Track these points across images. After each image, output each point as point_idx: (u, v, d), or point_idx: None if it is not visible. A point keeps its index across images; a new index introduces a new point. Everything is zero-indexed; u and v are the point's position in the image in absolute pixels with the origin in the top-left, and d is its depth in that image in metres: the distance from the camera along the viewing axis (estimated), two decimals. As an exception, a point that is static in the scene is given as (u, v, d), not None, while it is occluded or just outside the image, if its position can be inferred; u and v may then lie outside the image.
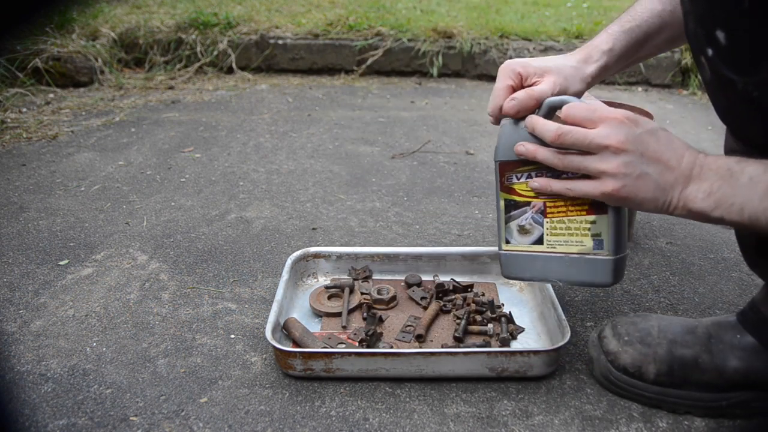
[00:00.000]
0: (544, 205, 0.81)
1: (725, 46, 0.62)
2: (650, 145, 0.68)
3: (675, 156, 0.67)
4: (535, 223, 0.82)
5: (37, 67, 2.23)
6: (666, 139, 0.69)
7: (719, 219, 0.65)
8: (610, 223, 0.76)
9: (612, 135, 0.68)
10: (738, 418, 0.81)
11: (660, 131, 0.69)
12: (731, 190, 0.63)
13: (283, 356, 0.85)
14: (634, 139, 0.67)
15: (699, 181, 0.66)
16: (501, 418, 0.80)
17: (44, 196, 1.44)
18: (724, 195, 0.64)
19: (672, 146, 0.68)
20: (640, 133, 0.68)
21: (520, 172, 0.82)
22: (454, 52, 2.55)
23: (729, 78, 0.63)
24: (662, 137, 0.69)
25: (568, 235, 0.80)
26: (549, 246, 0.82)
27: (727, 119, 0.72)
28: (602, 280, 0.80)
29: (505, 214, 0.85)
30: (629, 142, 0.67)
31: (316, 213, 1.38)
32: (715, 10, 0.62)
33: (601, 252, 0.78)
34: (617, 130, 0.68)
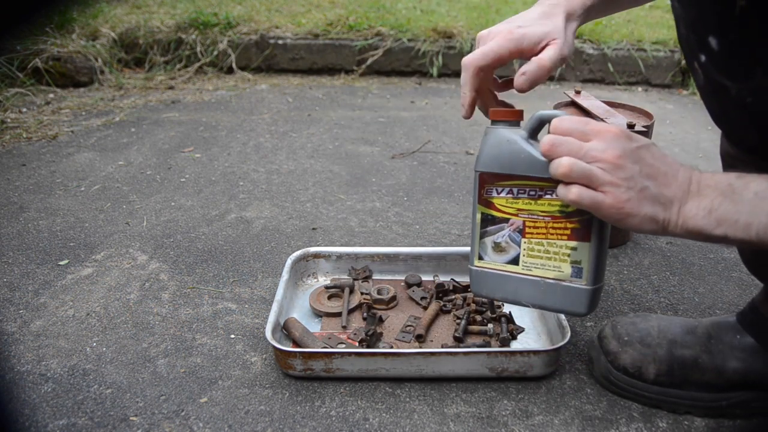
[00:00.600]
0: (524, 224, 0.76)
1: (718, 52, 0.61)
2: (647, 160, 0.65)
3: (671, 171, 0.65)
4: (512, 241, 0.77)
5: (37, 67, 2.22)
6: (660, 154, 0.66)
7: (722, 237, 0.62)
8: (591, 252, 0.73)
9: (608, 149, 0.64)
10: (738, 418, 0.81)
11: (653, 147, 0.66)
12: (734, 207, 0.60)
13: (283, 356, 0.85)
14: (631, 154, 0.64)
15: (698, 197, 0.63)
16: (501, 418, 0.80)
17: (44, 196, 1.44)
18: (727, 212, 0.61)
19: (666, 161, 0.65)
20: (636, 147, 0.65)
21: (502, 186, 0.76)
22: (454, 52, 2.55)
23: (722, 84, 0.63)
24: (656, 153, 0.66)
25: (546, 258, 0.76)
26: (524, 267, 0.77)
27: (721, 124, 0.72)
28: (576, 309, 0.76)
29: (480, 229, 0.79)
30: (626, 156, 0.64)
31: (316, 213, 1.38)
32: (707, 16, 0.61)
33: (578, 281, 0.74)
34: (613, 143, 0.65)
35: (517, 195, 0.75)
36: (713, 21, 0.61)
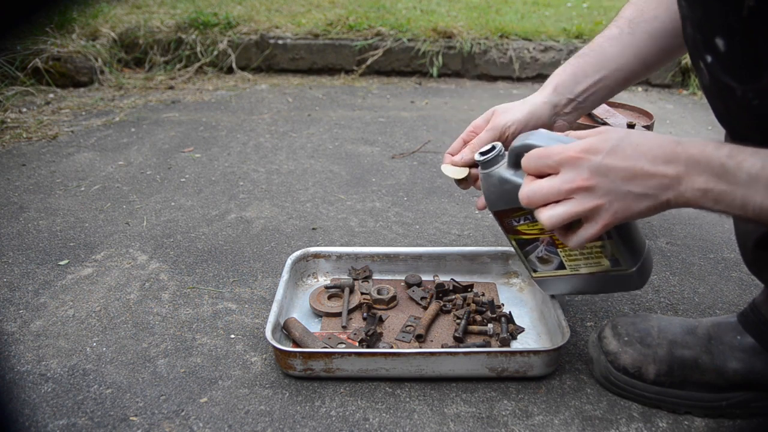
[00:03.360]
0: (551, 238, 0.83)
1: (724, 53, 0.61)
2: (617, 165, 0.64)
3: (649, 161, 0.63)
4: (551, 253, 0.85)
5: (37, 67, 2.22)
6: (632, 148, 0.64)
7: (723, 212, 0.63)
8: (617, 246, 0.78)
9: (576, 176, 0.65)
10: (738, 418, 0.81)
11: (623, 143, 0.65)
12: (729, 188, 0.60)
13: (283, 356, 0.85)
14: (597, 169, 0.64)
15: (689, 178, 0.62)
16: (501, 418, 0.80)
17: (44, 196, 1.44)
18: (723, 193, 0.60)
19: (641, 151, 0.64)
20: (601, 159, 0.64)
21: (517, 216, 0.82)
22: (454, 52, 2.55)
23: (728, 85, 0.63)
24: (627, 149, 0.64)
25: (585, 258, 0.82)
26: (572, 269, 0.85)
27: (726, 124, 0.72)
28: (634, 287, 0.85)
29: (521, 250, 0.88)
30: (594, 175, 0.64)
31: (316, 213, 1.38)
32: (714, 16, 0.61)
33: (620, 268, 0.81)
34: (578, 169, 0.65)
35: (533, 220, 0.80)
36: (720, 22, 0.60)
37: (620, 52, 0.89)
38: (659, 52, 0.89)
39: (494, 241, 1.26)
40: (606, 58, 0.89)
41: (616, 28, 0.90)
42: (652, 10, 0.87)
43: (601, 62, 0.89)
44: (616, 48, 0.89)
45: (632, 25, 0.89)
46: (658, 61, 0.91)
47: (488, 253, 1.10)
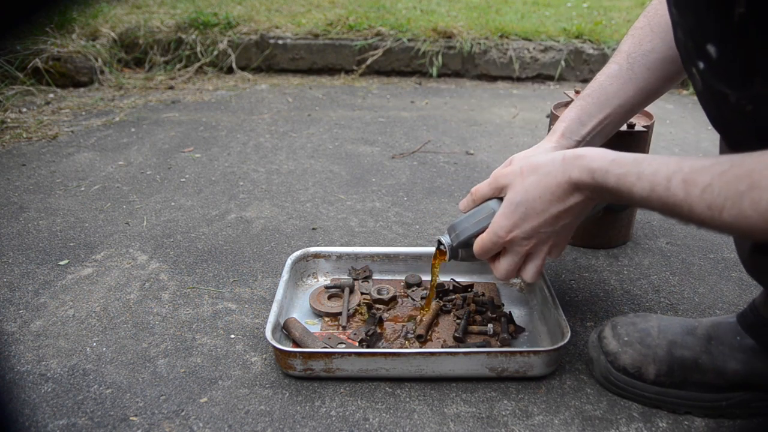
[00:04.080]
0: None
1: (717, 59, 0.61)
2: (536, 224, 0.77)
3: (545, 198, 0.75)
4: None
5: (37, 67, 2.22)
6: (534, 205, 0.76)
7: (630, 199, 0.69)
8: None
9: (519, 249, 0.80)
10: (738, 419, 0.81)
11: (528, 206, 0.76)
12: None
13: (283, 356, 0.85)
14: (528, 235, 0.78)
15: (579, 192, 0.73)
16: (501, 418, 0.80)
17: (44, 196, 1.44)
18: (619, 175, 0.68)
19: (542, 203, 0.75)
20: (524, 228, 0.77)
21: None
22: (454, 52, 2.55)
23: (721, 91, 0.62)
24: (531, 208, 0.76)
25: None
26: None
27: (721, 130, 0.72)
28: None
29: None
30: (530, 239, 0.78)
31: (316, 213, 1.38)
32: (706, 23, 0.61)
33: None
34: (515, 246, 0.80)
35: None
36: (712, 28, 0.60)
37: (621, 89, 0.92)
38: (659, 82, 0.91)
39: (494, 241, 1.26)
40: (608, 97, 0.92)
41: (616, 65, 0.93)
42: (648, 42, 0.90)
43: (604, 102, 0.92)
44: (617, 85, 0.92)
45: (630, 59, 0.91)
46: (660, 89, 0.93)
47: (488, 253, 1.10)
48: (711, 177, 0.57)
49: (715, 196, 0.56)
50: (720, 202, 0.55)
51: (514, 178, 0.78)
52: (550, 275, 1.13)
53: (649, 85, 0.91)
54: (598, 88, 0.93)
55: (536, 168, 0.76)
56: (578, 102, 0.95)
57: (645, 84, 0.91)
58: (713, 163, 0.57)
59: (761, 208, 0.52)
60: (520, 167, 0.78)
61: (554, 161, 0.74)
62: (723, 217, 0.55)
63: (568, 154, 0.73)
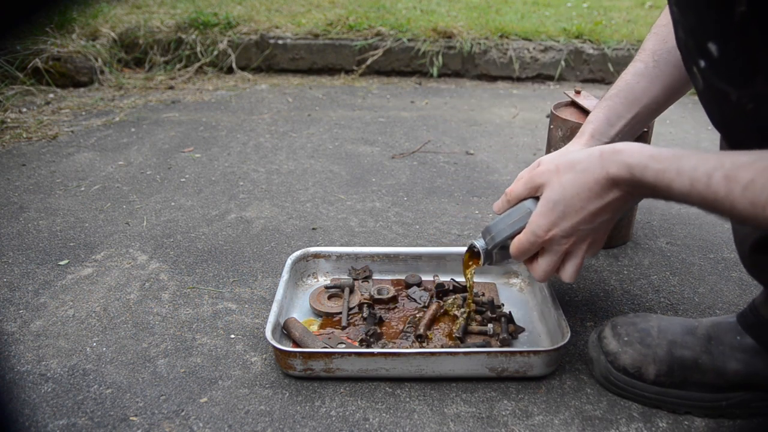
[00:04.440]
0: None
1: (718, 58, 0.61)
2: (574, 222, 0.75)
3: (583, 195, 0.73)
4: None
5: (37, 67, 2.22)
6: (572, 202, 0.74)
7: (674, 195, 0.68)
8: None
9: (558, 248, 0.78)
10: (738, 419, 0.81)
11: (566, 203, 0.75)
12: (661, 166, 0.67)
13: (283, 356, 0.85)
14: (567, 234, 0.76)
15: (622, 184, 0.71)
16: (501, 418, 0.80)
17: (44, 196, 1.44)
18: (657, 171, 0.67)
19: (580, 200, 0.74)
20: (563, 227, 0.76)
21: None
22: (454, 52, 2.55)
23: (722, 90, 0.62)
24: (570, 205, 0.75)
25: None
26: None
27: (721, 129, 0.72)
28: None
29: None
30: (568, 237, 0.77)
31: (316, 213, 1.38)
32: (707, 22, 0.61)
33: None
34: (554, 245, 0.78)
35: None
36: (713, 27, 0.60)
37: (648, 87, 0.91)
38: (684, 79, 0.90)
39: (494, 241, 1.26)
40: (635, 96, 0.92)
41: (641, 63, 0.92)
42: (672, 39, 0.88)
43: (632, 101, 0.92)
44: (644, 83, 0.91)
45: (656, 57, 0.90)
46: (685, 86, 0.93)
47: (488, 253, 1.10)
48: (753, 173, 0.56)
49: (758, 192, 0.55)
50: (764, 198, 0.55)
51: (550, 176, 0.76)
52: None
53: (674, 83, 0.90)
54: (625, 87, 0.92)
55: (573, 165, 0.74)
56: (605, 102, 0.94)
57: (671, 81, 0.90)
58: (755, 159, 0.57)
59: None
60: (556, 165, 0.76)
61: (591, 157, 0.72)
62: (766, 214, 0.55)
63: (606, 150, 0.71)
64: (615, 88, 0.94)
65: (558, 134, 1.18)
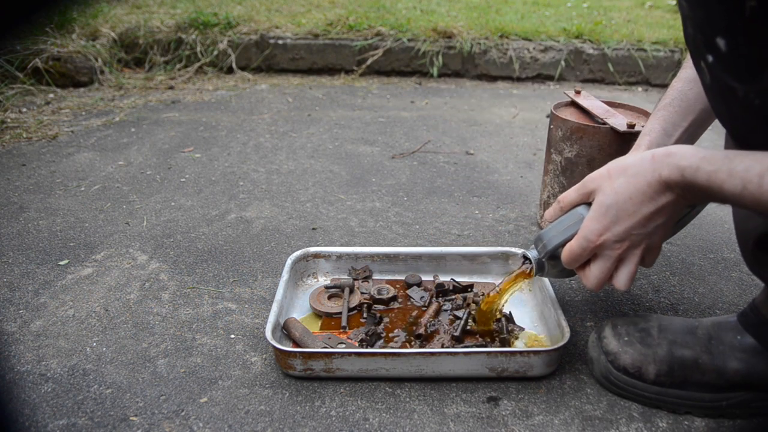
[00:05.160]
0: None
1: (726, 53, 0.61)
2: (627, 227, 0.73)
3: (636, 198, 0.72)
4: None
5: (37, 67, 2.22)
6: (625, 206, 0.73)
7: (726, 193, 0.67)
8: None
9: (610, 254, 0.76)
10: (738, 418, 0.81)
11: (619, 207, 0.73)
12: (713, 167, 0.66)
13: (283, 356, 0.85)
14: (620, 238, 0.74)
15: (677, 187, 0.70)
16: (501, 418, 0.80)
17: (44, 196, 1.44)
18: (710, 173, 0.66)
19: (628, 194, 0.73)
20: (615, 232, 0.74)
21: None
22: (454, 52, 2.55)
23: (729, 85, 0.63)
24: (622, 209, 0.73)
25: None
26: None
27: (728, 124, 0.72)
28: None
29: None
30: (621, 243, 0.75)
31: (316, 213, 1.38)
32: (716, 17, 0.61)
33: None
34: (606, 251, 0.76)
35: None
36: (721, 22, 0.60)
37: (701, 92, 0.89)
38: None
39: (494, 241, 1.26)
40: (689, 104, 0.91)
41: (690, 69, 0.91)
42: None
43: (686, 108, 0.91)
44: (696, 89, 0.90)
45: None
46: None
47: (488, 253, 1.10)
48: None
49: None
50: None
51: (602, 181, 0.76)
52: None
53: None
54: (678, 96, 0.91)
55: (625, 169, 0.74)
56: (660, 113, 0.92)
57: None
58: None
59: None
60: (608, 170, 0.76)
61: (643, 161, 0.72)
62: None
63: (658, 153, 0.71)
64: (667, 97, 0.93)
65: (558, 134, 1.18)
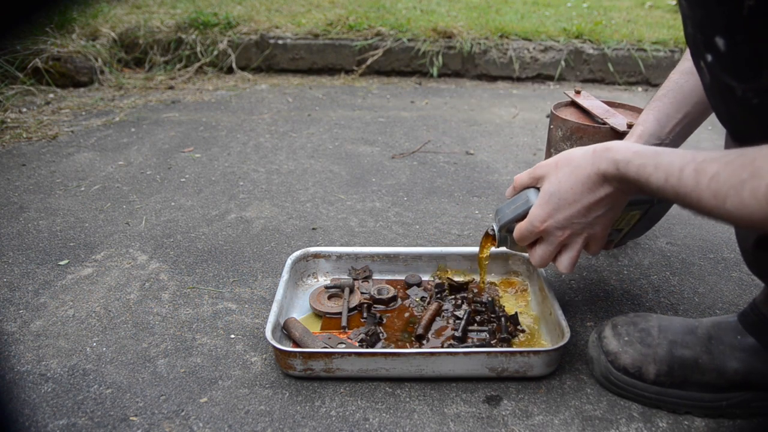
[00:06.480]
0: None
1: (725, 52, 0.61)
2: (567, 215, 0.78)
3: (577, 189, 0.76)
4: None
5: (37, 67, 2.22)
6: (565, 195, 0.77)
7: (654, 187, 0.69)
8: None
9: (553, 239, 0.81)
10: (738, 418, 0.81)
11: (560, 196, 0.78)
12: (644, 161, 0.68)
13: (283, 356, 0.85)
14: (562, 226, 0.79)
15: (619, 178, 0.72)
16: (501, 418, 0.80)
17: (44, 196, 1.44)
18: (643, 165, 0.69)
19: (573, 194, 0.77)
20: (557, 218, 0.79)
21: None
22: (454, 52, 2.55)
23: (728, 84, 0.63)
24: (563, 198, 0.77)
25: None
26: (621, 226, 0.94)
27: (727, 124, 0.72)
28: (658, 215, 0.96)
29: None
30: (564, 228, 0.79)
31: (316, 213, 1.38)
32: (715, 16, 0.61)
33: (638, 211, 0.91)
34: (550, 236, 0.81)
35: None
36: (720, 21, 0.60)
37: (697, 85, 0.90)
38: None
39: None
40: (684, 96, 0.92)
41: (688, 62, 0.91)
42: None
43: (680, 100, 0.92)
44: (692, 81, 0.91)
45: None
46: None
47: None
48: (718, 166, 0.58)
49: (721, 184, 0.57)
50: (724, 190, 0.56)
51: (550, 169, 0.80)
52: (550, 275, 1.13)
53: None
54: (674, 87, 0.92)
55: (570, 161, 0.78)
56: (654, 103, 0.94)
57: None
58: (724, 154, 0.58)
59: (759, 195, 0.53)
60: (557, 160, 0.80)
61: (586, 154, 0.76)
62: (726, 206, 0.56)
63: (599, 147, 0.75)
64: (663, 88, 0.94)
65: (558, 134, 1.18)
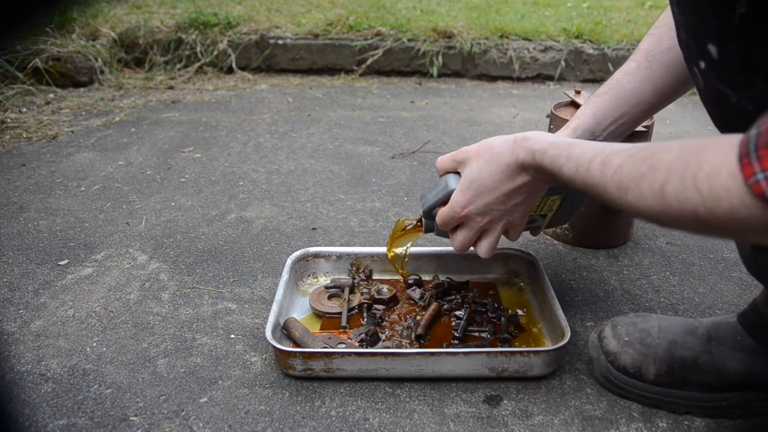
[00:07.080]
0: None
1: (718, 60, 0.60)
2: (486, 202, 0.81)
3: (496, 176, 0.79)
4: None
5: (37, 67, 2.22)
6: (485, 183, 0.80)
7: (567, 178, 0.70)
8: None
9: (473, 224, 0.84)
10: (738, 419, 0.81)
11: (480, 183, 0.81)
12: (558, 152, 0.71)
13: (283, 356, 0.85)
14: (481, 212, 0.82)
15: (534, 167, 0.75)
16: (501, 418, 0.80)
17: (44, 196, 1.44)
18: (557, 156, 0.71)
19: (490, 172, 0.79)
20: (477, 205, 0.82)
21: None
22: (454, 52, 2.55)
23: (722, 91, 0.62)
24: (482, 185, 0.80)
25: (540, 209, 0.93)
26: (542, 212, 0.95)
27: (722, 129, 0.72)
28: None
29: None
30: (483, 215, 0.82)
31: (316, 213, 1.38)
32: (707, 24, 0.61)
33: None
34: (470, 222, 0.84)
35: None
36: (713, 29, 0.60)
37: (639, 87, 0.91)
38: (676, 82, 0.90)
39: (494, 241, 1.26)
40: (625, 95, 0.92)
41: (634, 63, 0.92)
42: (667, 40, 0.89)
43: (620, 99, 0.92)
44: (634, 83, 0.91)
45: (649, 57, 0.90)
46: (677, 91, 0.92)
47: (488, 253, 1.10)
48: (623, 158, 0.59)
49: (623, 176, 0.58)
50: (626, 182, 0.58)
51: (471, 155, 0.83)
52: (550, 275, 1.13)
53: (667, 85, 0.90)
54: (616, 85, 0.93)
55: (491, 149, 0.81)
56: (594, 99, 0.94)
57: (663, 83, 0.90)
58: (630, 147, 0.60)
59: (655, 189, 0.54)
60: (478, 147, 0.83)
61: (506, 143, 0.79)
62: (628, 198, 0.57)
63: (519, 137, 0.77)
64: (606, 86, 0.95)
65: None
